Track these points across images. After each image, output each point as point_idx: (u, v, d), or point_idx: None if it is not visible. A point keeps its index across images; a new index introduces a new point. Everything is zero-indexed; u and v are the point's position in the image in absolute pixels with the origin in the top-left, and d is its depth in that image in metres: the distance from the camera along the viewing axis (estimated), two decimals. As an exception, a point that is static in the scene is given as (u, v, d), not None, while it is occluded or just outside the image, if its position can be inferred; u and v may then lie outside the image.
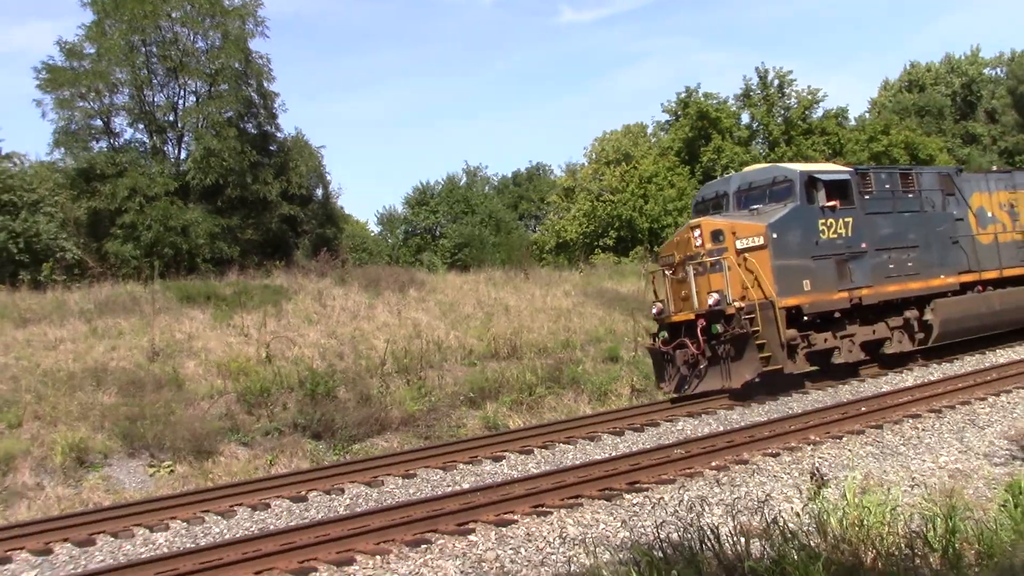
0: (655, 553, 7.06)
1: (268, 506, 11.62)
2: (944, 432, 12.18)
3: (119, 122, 33.41)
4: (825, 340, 17.35)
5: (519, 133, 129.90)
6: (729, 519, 8.40)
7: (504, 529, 9.22)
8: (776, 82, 46.57)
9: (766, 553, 6.92)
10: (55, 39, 44.40)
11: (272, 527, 10.63)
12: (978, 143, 58.78)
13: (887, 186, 18.89)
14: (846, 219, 17.58)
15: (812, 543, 6.96)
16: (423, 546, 8.86)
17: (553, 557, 8.41)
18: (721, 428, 14.33)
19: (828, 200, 17.34)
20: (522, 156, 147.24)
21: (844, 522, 7.25)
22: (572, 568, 7.92)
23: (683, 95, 46.37)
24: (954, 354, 19.63)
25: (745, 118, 47.15)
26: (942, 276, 19.36)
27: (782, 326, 16.18)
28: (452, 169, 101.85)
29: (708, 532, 7.21)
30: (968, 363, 19.01)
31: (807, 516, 7.82)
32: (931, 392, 14.96)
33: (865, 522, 7.22)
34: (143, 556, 9.68)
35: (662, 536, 7.63)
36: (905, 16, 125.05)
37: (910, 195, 19.31)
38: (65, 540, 10.42)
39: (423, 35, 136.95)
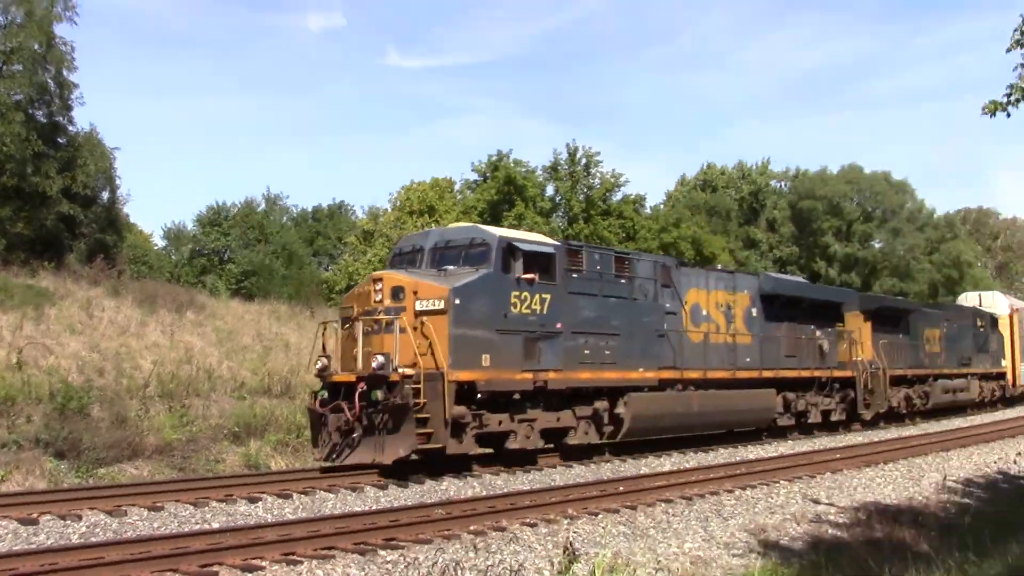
0: (401, 616, 6.95)
1: (-9, 526, 10.69)
2: (692, 519, 12.70)
3: None
4: (500, 422, 16.17)
5: (326, 167, 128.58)
6: (480, 587, 8.38)
7: (249, 575, 8.84)
8: (584, 160, 48.36)
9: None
10: None
11: (-8, 550, 9.76)
12: (757, 248, 63.13)
13: (598, 267, 18.16)
14: (543, 295, 16.64)
15: (556, 618, 7.06)
16: (159, 586, 8.35)
17: (296, 610, 8.12)
18: (484, 492, 14.38)
19: (526, 272, 16.37)
20: (326, 191, 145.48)
21: (589, 600, 7.41)
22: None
23: (494, 157, 47.34)
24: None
25: (550, 190, 48.67)
26: (641, 369, 18.66)
27: (450, 401, 14.91)
28: (252, 193, 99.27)
29: (457, 599, 7.18)
30: (722, 455, 20.00)
31: (555, 591, 7.93)
32: (685, 479, 15.58)
33: (609, 601, 7.41)
34: None
35: (410, 599, 7.53)
36: (706, 123, 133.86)
37: (622, 280, 18.69)
38: None
39: (243, 52, 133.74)
